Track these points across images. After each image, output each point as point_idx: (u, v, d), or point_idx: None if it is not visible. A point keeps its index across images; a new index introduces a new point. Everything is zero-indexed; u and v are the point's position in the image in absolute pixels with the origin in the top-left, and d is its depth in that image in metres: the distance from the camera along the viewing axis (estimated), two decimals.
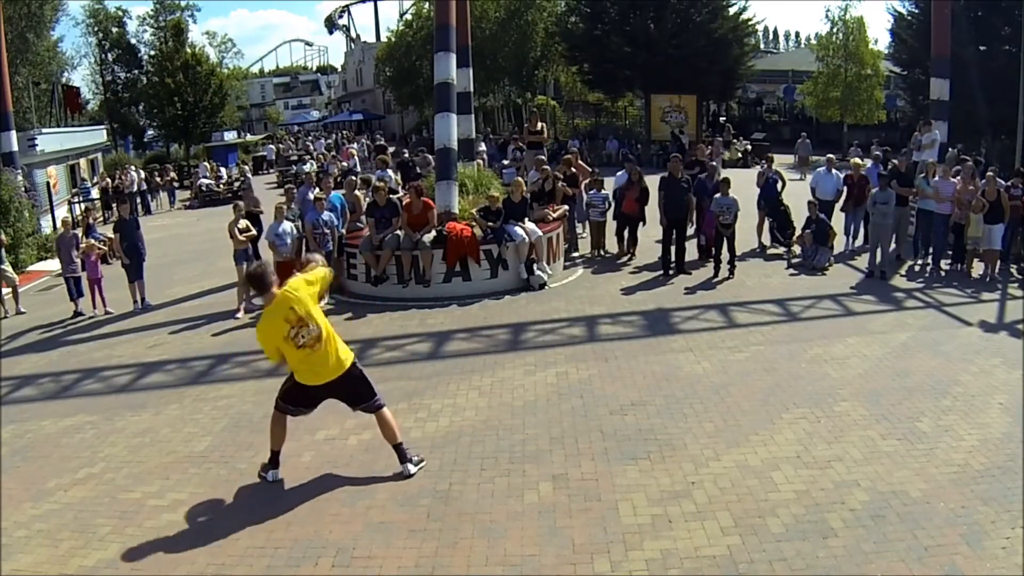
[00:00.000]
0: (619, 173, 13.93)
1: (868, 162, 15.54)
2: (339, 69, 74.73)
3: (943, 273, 11.57)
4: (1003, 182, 11.77)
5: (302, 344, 5.21)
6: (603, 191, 13.37)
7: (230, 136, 41.48)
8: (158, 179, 28.76)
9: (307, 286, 5.34)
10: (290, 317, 5.16)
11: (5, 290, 12.41)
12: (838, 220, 13.02)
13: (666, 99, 32.81)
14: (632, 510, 4.97)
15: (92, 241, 13.44)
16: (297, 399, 5.53)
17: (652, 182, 12.71)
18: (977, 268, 11.39)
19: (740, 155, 28.83)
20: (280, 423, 5.60)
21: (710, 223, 11.93)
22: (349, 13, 66.81)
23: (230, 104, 44.98)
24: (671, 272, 11.62)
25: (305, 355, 5.25)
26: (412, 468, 5.61)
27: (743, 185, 13.96)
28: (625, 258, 12.91)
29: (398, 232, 10.75)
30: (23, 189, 18.10)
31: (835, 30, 31.67)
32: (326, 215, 10.90)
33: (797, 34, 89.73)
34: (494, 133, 36.80)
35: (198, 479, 5.78)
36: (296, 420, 5.77)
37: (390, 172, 15.20)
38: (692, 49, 31.30)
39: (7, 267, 12.74)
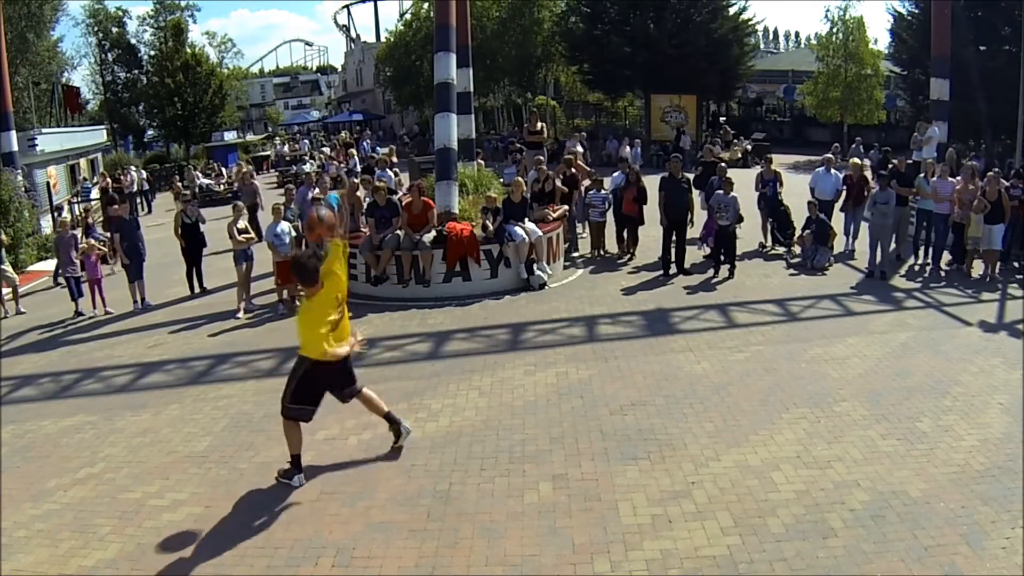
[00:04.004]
0: (615, 174, 13.93)
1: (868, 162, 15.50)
2: (339, 69, 74.74)
3: (943, 273, 11.57)
4: (1005, 182, 11.76)
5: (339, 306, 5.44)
6: (603, 191, 13.37)
7: (230, 136, 41.50)
8: (178, 184, 28.62)
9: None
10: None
11: (5, 290, 12.41)
12: (838, 220, 13.02)
13: (666, 99, 32.81)
14: (632, 510, 4.97)
15: (92, 241, 13.43)
16: (306, 393, 5.46)
17: (652, 183, 12.70)
18: (977, 268, 11.39)
19: (740, 155, 28.81)
20: (294, 427, 5.55)
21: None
22: (349, 13, 67.01)
23: (230, 104, 45.04)
24: (671, 272, 11.62)
25: (343, 314, 5.49)
26: (407, 424, 5.91)
27: (743, 185, 13.91)
28: (625, 258, 12.91)
29: (398, 232, 10.75)
30: (23, 189, 18.12)
31: (835, 30, 31.58)
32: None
33: (797, 34, 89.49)
34: (495, 132, 36.86)
35: (198, 479, 5.78)
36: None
37: (390, 172, 15.20)
38: (692, 49, 31.31)
39: (7, 267, 12.75)
